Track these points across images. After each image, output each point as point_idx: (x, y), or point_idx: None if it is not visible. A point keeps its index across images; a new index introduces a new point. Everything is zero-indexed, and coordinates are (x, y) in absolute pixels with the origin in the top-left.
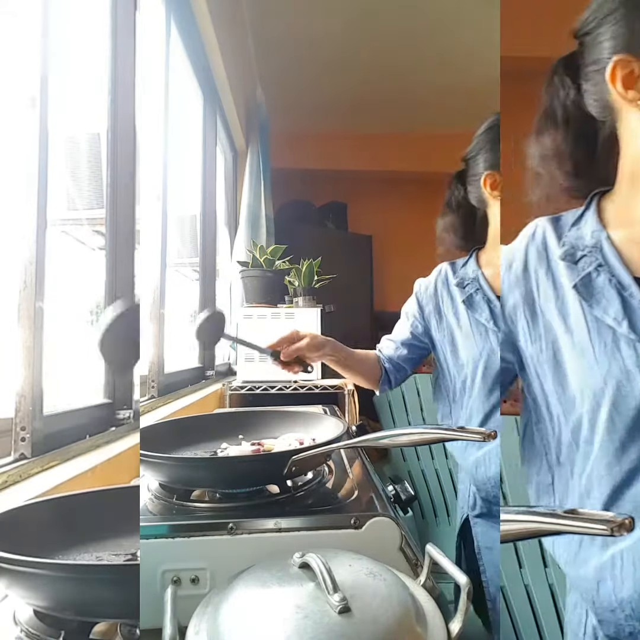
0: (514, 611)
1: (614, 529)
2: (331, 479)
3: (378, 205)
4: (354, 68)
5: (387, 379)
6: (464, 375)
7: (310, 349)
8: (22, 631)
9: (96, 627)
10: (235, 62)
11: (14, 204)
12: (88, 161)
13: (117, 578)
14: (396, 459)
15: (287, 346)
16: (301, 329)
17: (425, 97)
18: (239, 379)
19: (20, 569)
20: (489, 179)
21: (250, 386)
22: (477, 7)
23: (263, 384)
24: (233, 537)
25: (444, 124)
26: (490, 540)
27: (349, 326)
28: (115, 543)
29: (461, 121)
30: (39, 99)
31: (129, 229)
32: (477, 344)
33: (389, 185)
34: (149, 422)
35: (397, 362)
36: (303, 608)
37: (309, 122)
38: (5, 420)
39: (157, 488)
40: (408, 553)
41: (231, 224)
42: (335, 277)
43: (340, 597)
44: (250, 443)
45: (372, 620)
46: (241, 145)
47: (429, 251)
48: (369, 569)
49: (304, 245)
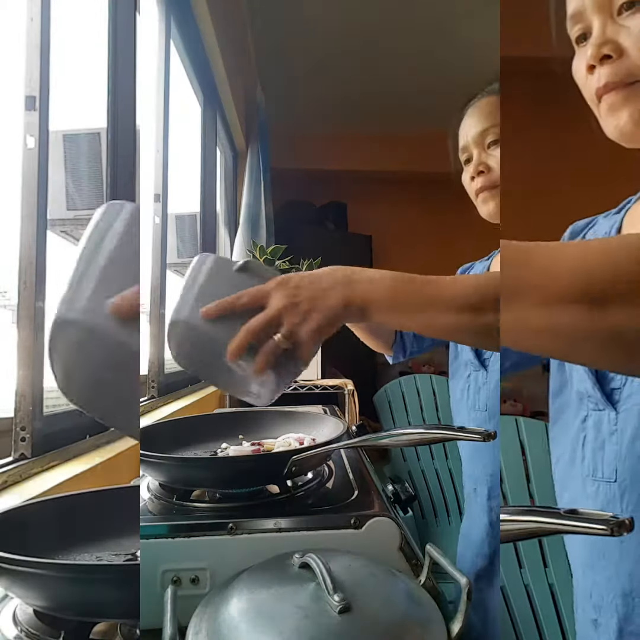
0: (514, 611)
1: (614, 529)
2: (331, 479)
3: (378, 205)
4: (355, 68)
5: (402, 346)
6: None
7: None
8: (22, 631)
9: (96, 627)
10: (235, 62)
11: (14, 204)
12: (88, 160)
13: (117, 578)
14: (396, 459)
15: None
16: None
17: (425, 97)
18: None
19: (20, 569)
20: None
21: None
22: (476, 5)
23: None
24: (233, 537)
25: (444, 124)
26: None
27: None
28: (115, 543)
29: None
30: (39, 99)
31: None
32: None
33: (389, 185)
34: (149, 422)
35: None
36: (303, 608)
37: (309, 122)
38: (5, 420)
39: (157, 488)
40: (408, 553)
41: (231, 224)
42: None
43: (340, 597)
44: (250, 443)
45: (372, 620)
46: (241, 145)
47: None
48: (369, 569)
49: (304, 245)
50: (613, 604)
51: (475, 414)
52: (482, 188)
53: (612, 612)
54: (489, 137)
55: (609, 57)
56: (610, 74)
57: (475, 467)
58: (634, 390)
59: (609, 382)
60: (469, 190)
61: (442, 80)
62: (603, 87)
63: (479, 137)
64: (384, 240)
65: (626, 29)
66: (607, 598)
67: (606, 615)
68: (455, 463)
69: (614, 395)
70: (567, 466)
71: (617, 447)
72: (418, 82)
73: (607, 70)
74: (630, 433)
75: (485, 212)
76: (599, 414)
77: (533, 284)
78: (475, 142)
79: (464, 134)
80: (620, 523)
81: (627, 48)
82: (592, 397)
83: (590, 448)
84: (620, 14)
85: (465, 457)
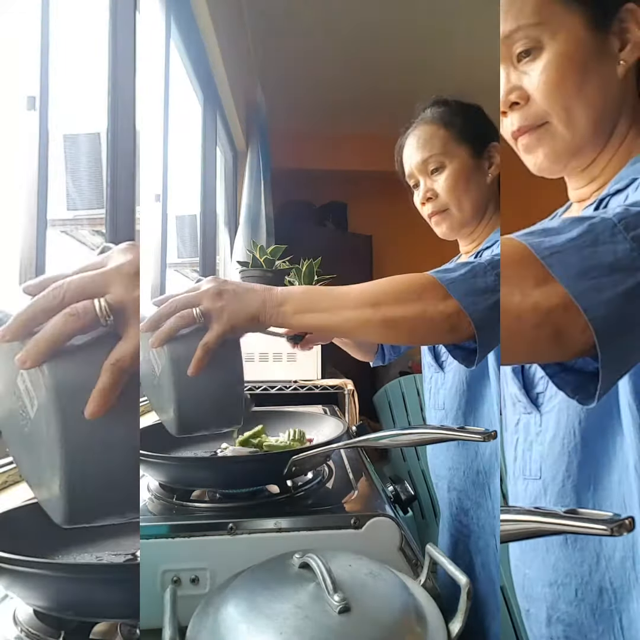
0: (514, 611)
1: (614, 529)
2: (331, 479)
3: (378, 205)
4: (355, 68)
5: (382, 355)
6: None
7: (329, 336)
8: (22, 631)
9: (96, 627)
10: (235, 62)
11: (14, 204)
12: (88, 161)
13: (117, 578)
14: (396, 459)
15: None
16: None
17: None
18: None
19: (20, 569)
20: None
21: (250, 386)
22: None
23: (263, 384)
24: (233, 537)
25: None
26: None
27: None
28: (115, 543)
29: None
30: (39, 99)
31: (129, 229)
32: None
33: (389, 185)
34: (149, 422)
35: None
36: (303, 608)
37: (309, 122)
38: None
39: (157, 488)
40: (408, 553)
41: (231, 224)
42: (335, 277)
43: (340, 597)
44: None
45: (372, 620)
46: (241, 145)
47: (429, 251)
48: (369, 569)
49: (304, 245)
50: (542, 594)
51: (436, 413)
52: (433, 213)
53: (541, 602)
54: (431, 166)
55: (517, 103)
56: (521, 118)
57: (435, 461)
58: (553, 394)
59: (534, 386)
60: (422, 213)
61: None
62: (517, 130)
63: (421, 165)
64: (384, 240)
65: (527, 75)
66: (537, 588)
67: (536, 605)
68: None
69: (539, 399)
70: (508, 467)
71: (542, 447)
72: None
73: (518, 115)
74: (551, 433)
75: (440, 233)
76: (527, 417)
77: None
78: (419, 170)
79: (407, 161)
80: (620, 523)
81: (532, 93)
82: (521, 401)
83: (521, 449)
84: (520, 61)
85: (429, 454)
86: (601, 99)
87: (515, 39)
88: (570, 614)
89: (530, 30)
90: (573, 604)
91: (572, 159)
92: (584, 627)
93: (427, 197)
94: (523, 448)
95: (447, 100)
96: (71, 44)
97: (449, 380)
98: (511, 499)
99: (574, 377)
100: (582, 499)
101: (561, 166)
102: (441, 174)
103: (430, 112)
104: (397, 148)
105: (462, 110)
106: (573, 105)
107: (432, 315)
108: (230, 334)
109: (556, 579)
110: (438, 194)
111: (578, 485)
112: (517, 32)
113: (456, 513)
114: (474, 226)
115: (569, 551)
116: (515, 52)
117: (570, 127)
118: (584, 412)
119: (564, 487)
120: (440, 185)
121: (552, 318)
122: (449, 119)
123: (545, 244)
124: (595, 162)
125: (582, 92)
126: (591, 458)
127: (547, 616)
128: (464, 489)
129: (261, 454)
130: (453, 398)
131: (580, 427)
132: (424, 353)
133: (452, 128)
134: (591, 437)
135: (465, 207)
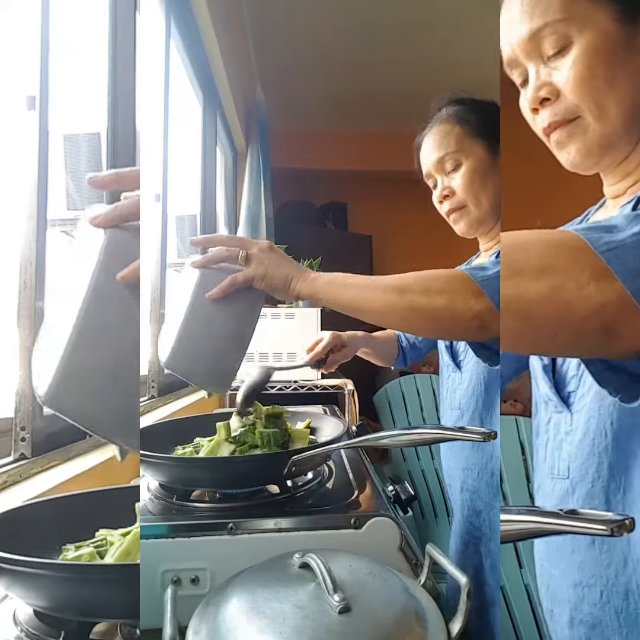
0: (514, 611)
1: (614, 529)
2: (331, 479)
3: (378, 205)
4: (355, 68)
5: (403, 358)
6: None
7: (352, 352)
8: (22, 631)
9: (96, 627)
10: (235, 62)
11: (14, 204)
12: (88, 161)
13: (117, 578)
14: (396, 459)
15: (325, 353)
16: (302, 329)
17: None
18: (239, 379)
19: (20, 569)
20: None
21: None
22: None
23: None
24: (233, 537)
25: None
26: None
27: (349, 326)
28: None
29: None
30: (39, 99)
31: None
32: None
33: (389, 185)
34: (148, 422)
35: (414, 341)
36: (303, 608)
37: (309, 122)
38: (5, 420)
39: (157, 488)
40: (408, 553)
41: (231, 224)
42: None
43: (340, 597)
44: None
45: (372, 620)
46: (241, 145)
47: (429, 251)
48: (369, 569)
49: (304, 245)
50: (566, 595)
51: (452, 412)
52: (451, 210)
53: (565, 603)
54: (448, 165)
55: (548, 99)
56: (552, 114)
57: (449, 462)
58: (585, 392)
59: (566, 385)
60: (440, 211)
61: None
62: (548, 126)
63: (438, 164)
64: (384, 240)
65: (557, 71)
66: (561, 589)
67: (560, 605)
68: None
69: (570, 398)
70: (538, 466)
71: (571, 446)
72: (419, 81)
73: (549, 111)
74: (581, 433)
75: (458, 230)
76: (558, 416)
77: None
78: (436, 169)
79: (424, 162)
80: (620, 523)
81: (562, 88)
82: (552, 400)
83: (551, 448)
84: (549, 57)
85: (442, 454)
86: (632, 92)
87: (543, 36)
88: (594, 615)
89: (558, 26)
90: (597, 606)
91: (605, 154)
92: (607, 630)
93: (444, 195)
94: (552, 447)
95: (462, 98)
96: (71, 44)
97: (465, 380)
98: (539, 498)
99: (617, 376)
100: (612, 501)
101: (594, 161)
102: (457, 171)
103: (445, 111)
104: (414, 148)
105: (477, 107)
106: (604, 99)
107: (461, 309)
108: (260, 283)
109: (581, 580)
110: (455, 191)
111: (608, 487)
112: (545, 28)
113: (468, 514)
114: (493, 224)
115: (595, 553)
116: (544, 49)
117: (602, 121)
118: (616, 413)
119: (593, 487)
120: (457, 183)
121: (603, 312)
122: (464, 116)
123: (604, 239)
124: (630, 158)
125: (612, 86)
126: (622, 460)
127: (570, 617)
128: (477, 490)
129: (261, 454)
130: (470, 398)
131: (612, 428)
132: (442, 353)
133: (466, 125)
134: (623, 438)
135: (483, 203)
